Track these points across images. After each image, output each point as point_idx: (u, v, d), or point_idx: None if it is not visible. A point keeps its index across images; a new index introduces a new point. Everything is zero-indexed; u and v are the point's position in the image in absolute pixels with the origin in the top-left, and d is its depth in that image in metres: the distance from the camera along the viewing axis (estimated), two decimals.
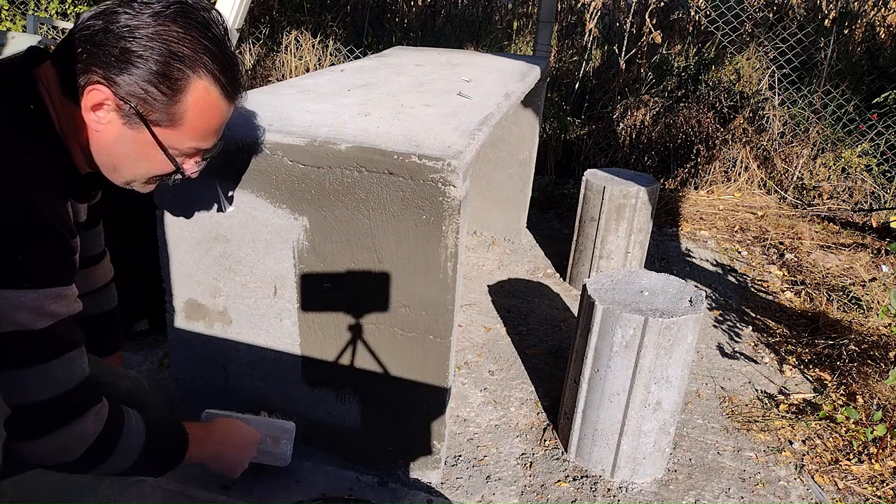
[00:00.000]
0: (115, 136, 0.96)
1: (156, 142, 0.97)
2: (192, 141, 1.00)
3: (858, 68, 4.58)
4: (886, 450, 1.87)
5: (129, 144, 0.97)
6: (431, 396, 1.49)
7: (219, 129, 1.04)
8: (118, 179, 1.04)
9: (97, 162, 1.00)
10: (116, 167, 1.01)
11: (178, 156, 1.01)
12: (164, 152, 0.98)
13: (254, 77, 5.10)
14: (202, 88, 0.95)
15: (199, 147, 1.03)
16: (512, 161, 3.11)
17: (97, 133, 0.96)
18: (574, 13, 5.72)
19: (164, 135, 0.97)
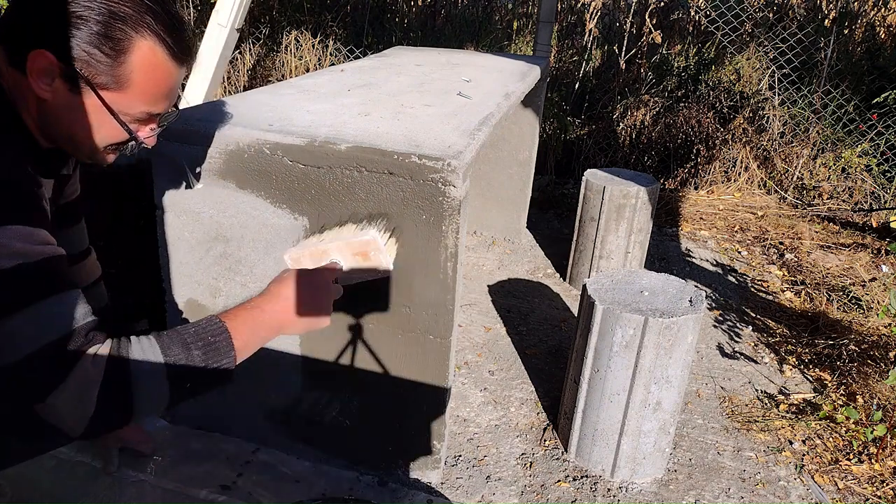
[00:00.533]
0: (63, 103, 0.94)
1: (105, 106, 0.95)
2: (142, 105, 0.98)
3: (858, 68, 4.58)
4: (886, 450, 1.87)
5: (78, 112, 0.95)
6: (431, 396, 1.49)
7: (169, 92, 1.01)
8: (78, 152, 1.02)
9: (53, 134, 0.99)
10: (71, 137, 0.99)
11: (130, 122, 0.99)
12: (114, 117, 0.96)
13: (254, 77, 5.10)
14: (147, 49, 0.93)
15: (151, 111, 1.00)
16: (512, 161, 3.11)
17: (46, 103, 0.94)
18: (574, 13, 5.72)
19: (112, 99, 0.95)
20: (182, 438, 1.68)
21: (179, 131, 1.40)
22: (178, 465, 1.59)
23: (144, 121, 1.01)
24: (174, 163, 1.42)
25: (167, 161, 1.44)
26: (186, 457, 1.62)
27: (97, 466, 1.55)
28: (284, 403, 1.61)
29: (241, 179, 1.41)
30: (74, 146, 1.00)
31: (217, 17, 3.36)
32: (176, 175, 1.45)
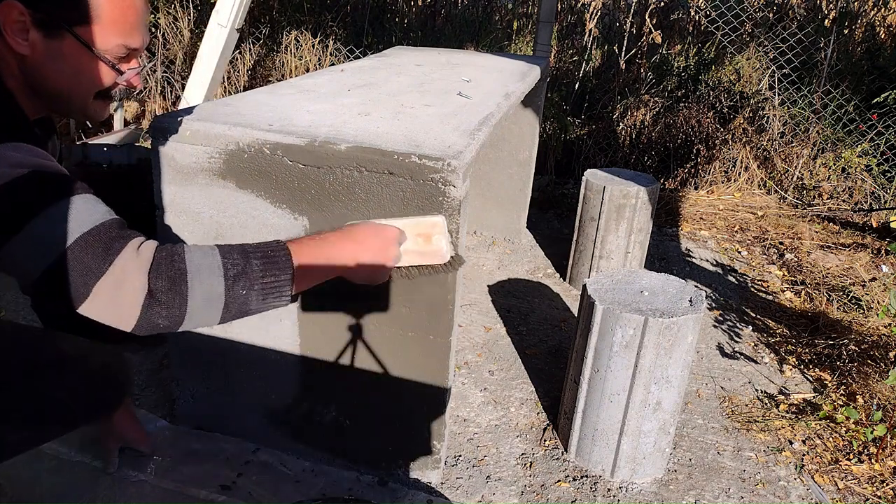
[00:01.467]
0: (44, 54, 0.96)
1: (83, 45, 0.96)
2: (116, 37, 0.99)
3: (858, 68, 4.58)
4: (886, 450, 1.87)
5: (60, 59, 0.97)
6: (431, 396, 1.49)
7: (139, 22, 1.02)
8: (70, 107, 1.03)
9: (41, 94, 1.00)
10: (59, 91, 1.00)
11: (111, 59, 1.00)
12: (95, 55, 0.98)
13: (254, 77, 5.10)
14: None
15: (127, 44, 1.01)
16: (512, 161, 3.11)
17: (27, 59, 0.95)
18: (574, 13, 5.72)
19: (86, 34, 0.96)
20: (182, 438, 1.68)
21: (180, 131, 1.40)
22: (178, 465, 1.59)
23: (124, 57, 1.02)
24: (185, 166, 1.42)
25: (168, 161, 1.44)
26: (186, 457, 1.62)
27: (97, 466, 1.55)
28: (284, 403, 1.61)
29: (241, 179, 1.41)
30: (65, 101, 1.01)
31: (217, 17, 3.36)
32: (177, 175, 1.45)
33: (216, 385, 1.65)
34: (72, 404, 1.24)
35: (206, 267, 0.94)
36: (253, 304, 0.98)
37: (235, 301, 0.96)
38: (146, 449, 1.60)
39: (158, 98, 4.94)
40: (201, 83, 3.50)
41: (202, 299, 0.93)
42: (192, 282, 0.92)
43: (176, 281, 0.91)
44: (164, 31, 4.99)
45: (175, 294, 0.91)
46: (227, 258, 0.96)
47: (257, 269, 0.98)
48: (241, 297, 0.96)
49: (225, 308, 0.96)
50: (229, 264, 0.96)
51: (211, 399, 1.67)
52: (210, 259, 0.95)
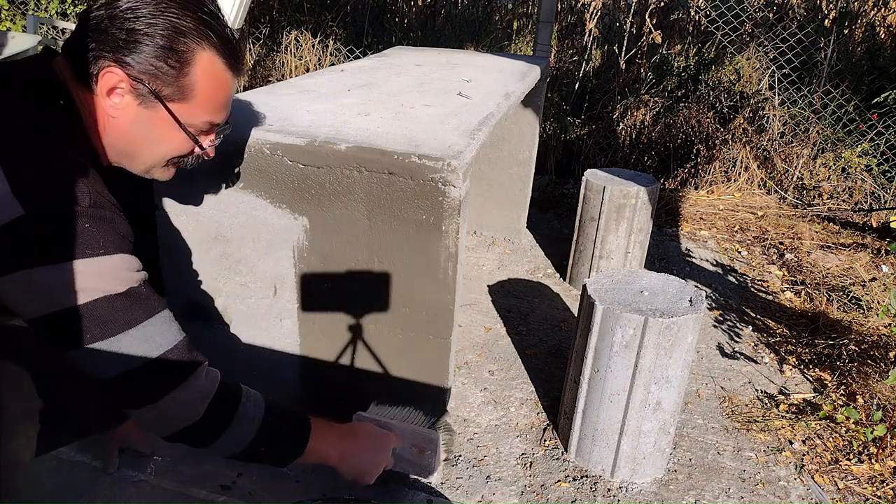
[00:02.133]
0: (131, 118, 0.98)
1: (172, 117, 0.99)
2: (205, 114, 1.02)
3: (858, 68, 4.58)
4: (886, 450, 1.87)
5: (146, 125, 0.99)
6: (431, 396, 1.49)
7: (227, 101, 1.06)
8: (139, 167, 1.05)
9: (116, 150, 1.02)
10: (136, 153, 1.03)
11: (194, 133, 1.04)
12: (181, 127, 1.01)
13: (254, 77, 5.10)
14: (208, 60, 0.98)
15: (213, 121, 1.05)
16: (512, 161, 3.11)
17: (114, 119, 0.98)
18: (574, 13, 5.72)
19: (178, 110, 0.99)
20: None
21: None
22: (178, 465, 1.59)
23: (206, 131, 1.06)
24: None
25: None
26: (186, 457, 1.62)
27: (97, 466, 1.55)
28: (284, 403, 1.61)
29: (241, 179, 1.41)
30: (135, 160, 1.04)
31: None
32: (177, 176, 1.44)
33: None
34: (85, 413, 1.25)
35: (249, 417, 1.07)
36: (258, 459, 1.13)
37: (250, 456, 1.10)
38: (146, 449, 1.60)
39: None
40: None
41: (227, 442, 1.06)
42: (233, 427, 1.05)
43: (222, 421, 1.04)
44: None
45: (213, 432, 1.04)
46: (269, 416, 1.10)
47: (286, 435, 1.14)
48: (253, 453, 1.10)
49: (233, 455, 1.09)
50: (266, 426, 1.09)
51: None
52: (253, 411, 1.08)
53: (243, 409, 1.06)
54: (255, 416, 1.08)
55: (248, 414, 1.07)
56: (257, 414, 1.08)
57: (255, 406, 1.08)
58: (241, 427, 1.06)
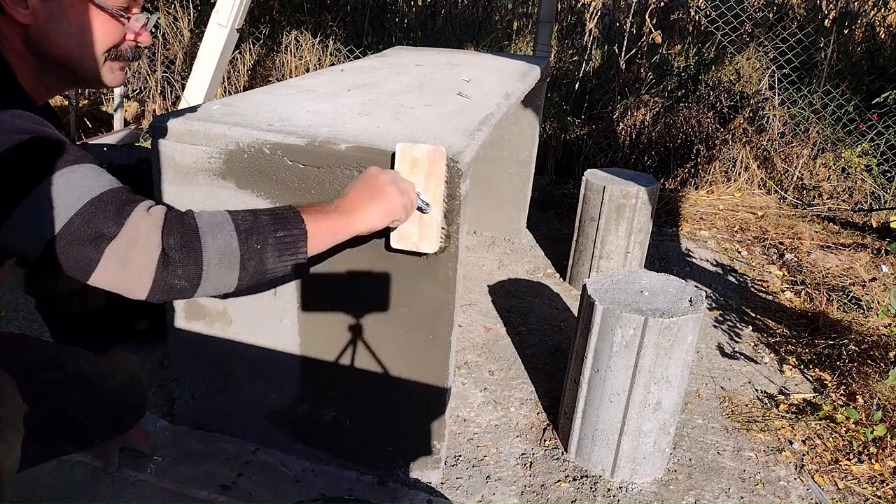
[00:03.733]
0: (46, 19, 0.92)
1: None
2: None
3: (858, 68, 4.58)
4: (886, 450, 1.87)
5: (63, 20, 0.93)
6: (431, 396, 1.49)
7: None
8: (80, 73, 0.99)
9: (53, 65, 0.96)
10: (68, 56, 0.96)
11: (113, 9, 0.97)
12: (96, 5, 0.94)
13: (254, 77, 5.10)
14: None
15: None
16: (512, 161, 3.11)
17: (30, 28, 0.92)
18: (574, 13, 5.72)
19: None
20: (182, 438, 1.68)
21: (180, 131, 1.40)
22: (178, 465, 1.59)
23: (125, 8, 0.99)
24: (185, 166, 1.42)
25: (168, 161, 1.44)
26: (186, 457, 1.62)
27: (97, 466, 1.55)
28: (284, 403, 1.61)
29: (241, 179, 1.41)
30: (76, 66, 0.98)
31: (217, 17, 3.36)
32: (177, 176, 1.45)
33: (216, 385, 1.65)
34: (88, 423, 1.25)
35: (217, 224, 0.93)
36: (270, 262, 0.97)
37: (252, 257, 0.95)
38: (147, 449, 1.60)
39: (158, 98, 4.94)
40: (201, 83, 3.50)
41: (216, 255, 0.92)
42: (205, 237, 0.91)
43: (188, 237, 0.90)
44: (164, 31, 5.00)
45: (189, 251, 0.89)
46: (236, 215, 0.96)
47: (268, 223, 0.98)
48: (256, 253, 0.95)
49: (242, 266, 0.94)
50: (239, 220, 0.95)
51: (211, 399, 1.67)
52: (220, 217, 0.95)
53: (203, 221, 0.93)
54: (222, 220, 0.94)
55: (214, 220, 0.93)
56: (223, 217, 0.95)
57: (212, 214, 0.95)
58: (215, 235, 0.92)
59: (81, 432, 1.25)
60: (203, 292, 0.94)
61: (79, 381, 1.23)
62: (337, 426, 1.59)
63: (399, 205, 1.15)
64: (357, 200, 1.12)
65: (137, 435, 1.58)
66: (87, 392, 1.24)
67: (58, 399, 1.19)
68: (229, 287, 0.96)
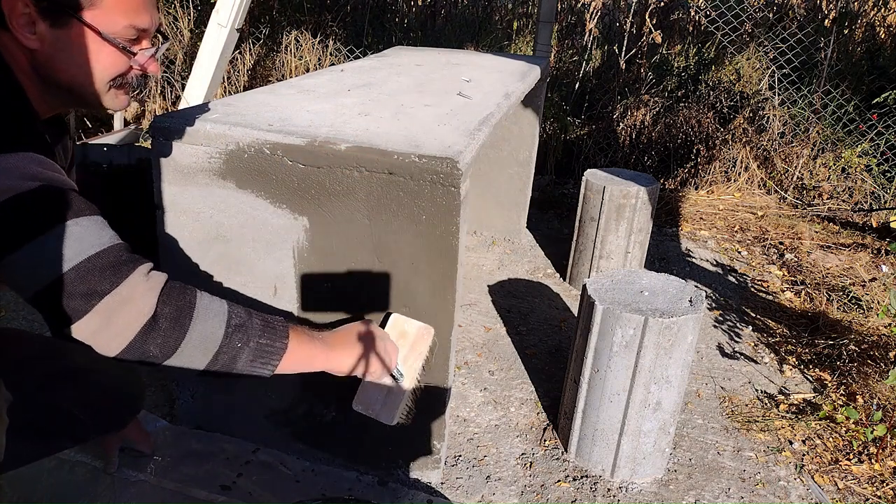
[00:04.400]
0: (53, 45, 0.93)
1: (91, 29, 0.93)
2: (122, 17, 0.96)
3: (858, 68, 4.58)
4: (886, 450, 1.87)
5: (69, 49, 0.94)
6: (431, 396, 1.49)
7: (145, 2, 0.99)
8: (84, 98, 1.00)
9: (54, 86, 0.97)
10: (73, 82, 0.97)
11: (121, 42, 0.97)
12: (104, 39, 0.94)
13: (254, 77, 5.10)
14: None
15: (136, 24, 0.98)
16: (512, 161, 3.11)
17: (37, 53, 0.93)
18: (574, 13, 5.72)
19: (93, 18, 0.93)
20: (182, 438, 1.68)
21: (180, 131, 1.40)
22: (178, 465, 1.59)
23: (135, 40, 0.99)
24: (185, 165, 1.42)
25: (172, 163, 1.44)
26: (186, 457, 1.62)
27: (97, 466, 1.55)
28: (284, 403, 1.61)
29: (241, 179, 1.41)
30: (80, 93, 0.98)
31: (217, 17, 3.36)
32: (177, 175, 1.45)
33: (216, 385, 1.65)
34: (85, 419, 1.24)
35: (213, 310, 0.96)
36: (241, 363, 1.00)
37: (228, 352, 0.98)
38: (146, 449, 1.60)
39: (158, 98, 4.94)
40: (201, 83, 3.50)
41: (199, 338, 0.94)
42: (197, 318, 0.94)
43: (182, 311, 0.92)
44: (163, 31, 4.99)
45: (177, 325, 0.92)
46: (232, 309, 1.00)
47: (257, 327, 1.02)
48: (234, 350, 0.98)
49: (215, 357, 0.97)
50: (233, 314, 0.99)
51: (211, 399, 1.67)
52: (217, 305, 0.98)
53: (202, 302, 0.95)
54: (219, 308, 0.97)
55: (212, 307, 0.96)
56: (221, 306, 0.97)
57: (212, 300, 0.97)
58: (207, 319, 0.94)
59: (77, 427, 1.24)
60: (168, 364, 0.95)
61: (74, 375, 1.23)
62: (337, 426, 1.59)
63: (377, 362, 1.22)
64: (343, 340, 1.19)
65: (137, 434, 1.58)
66: (83, 385, 1.24)
67: (53, 393, 1.19)
68: (194, 368, 0.98)
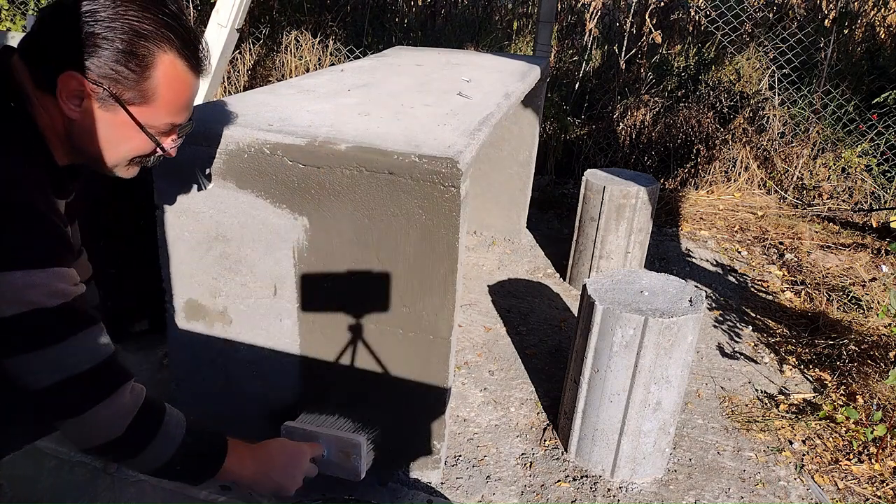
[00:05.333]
0: (91, 121, 0.97)
1: (133, 121, 0.98)
2: (166, 116, 1.02)
3: (858, 68, 4.58)
4: (886, 450, 1.87)
5: (107, 128, 0.98)
6: (431, 396, 1.49)
7: (189, 102, 1.06)
8: (101, 167, 1.05)
9: (79, 151, 1.02)
10: (97, 154, 1.02)
11: (155, 134, 1.03)
12: (142, 131, 1.00)
13: (254, 77, 5.10)
14: (168, 63, 0.97)
15: (174, 122, 1.04)
16: (512, 161, 3.11)
17: (74, 122, 0.97)
18: (574, 13, 5.72)
19: (139, 113, 0.98)
20: None
21: None
22: None
23: (168, 132, 1.06)
24: (184, 165, 1.42)
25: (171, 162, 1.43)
26: None
27: (97, 466, 1.55)
28: (284, 403, 1.61)
29: (241, 179, 1.41)
30: (98, 161, 1.04)
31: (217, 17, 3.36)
32: (177, 175, 1.45)
33: (216, 385, 1.65)
34: None
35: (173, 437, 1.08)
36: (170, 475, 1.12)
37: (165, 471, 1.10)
38: None
39: None
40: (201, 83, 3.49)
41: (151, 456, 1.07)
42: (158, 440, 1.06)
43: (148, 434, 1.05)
44: None
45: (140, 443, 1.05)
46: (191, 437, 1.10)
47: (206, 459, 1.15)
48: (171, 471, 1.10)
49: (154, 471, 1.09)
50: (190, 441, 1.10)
51: (211, 399, 1.67)
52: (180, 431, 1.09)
53: (164, 429, 1.07)
54: (175, 435, 1.09)
55: (170, 433, 1.08)
56: (178, 433, 1.09)
57: (176, 426, 1.10)
58: (161, 445, 1.07)
59: None
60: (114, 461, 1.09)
61: None
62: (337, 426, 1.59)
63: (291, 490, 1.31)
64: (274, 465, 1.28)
65: None
66: None
67: None
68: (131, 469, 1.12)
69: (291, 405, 1.61)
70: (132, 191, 1.89)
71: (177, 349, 1.64)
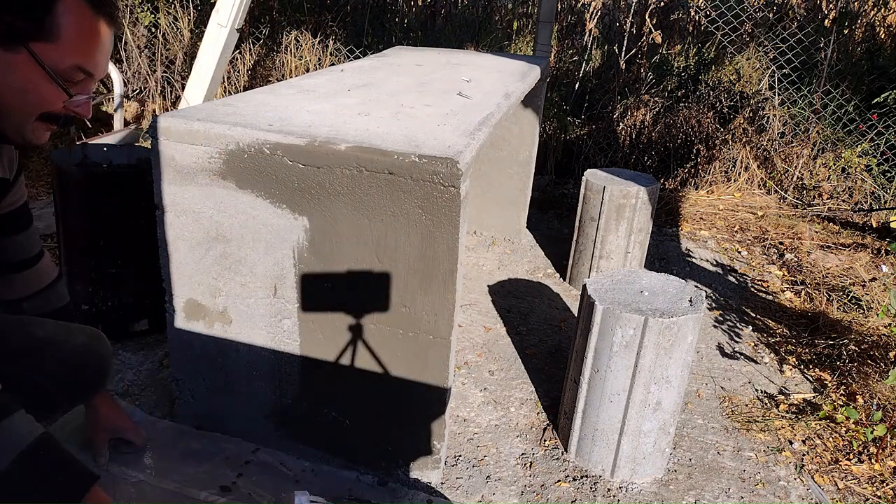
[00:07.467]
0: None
1: (35, 61, 0.93)
2: (74, 57, 0.96)
3: (858, 68, 4.57)
4: (886, 450, 1.87)
5: (10, 73, 0.93)
6: (431, 396, 1.49)
7: (99, 49, 0.99)
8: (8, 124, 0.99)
9: None
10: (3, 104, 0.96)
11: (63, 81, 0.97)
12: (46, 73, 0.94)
13: (254, 77, 5.10)
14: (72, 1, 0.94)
15: (83, 66, 0.98)
16: (512, 161, 3.11)
17: None
18: (574, 13, 5.72)
19: (43, 51, 0.93)
20: (182, 438, 1.68)
21: (180, 131, 1.40)
22: (177, 465, 1.59)
23: (77, 83, 0.99)
24: (184, 165, 1.42)
25: (168, 161, 1.44)
26: (186, 457, 1.62)
27: (88, 458, 1.55)
28: (284, 403, 1.61)
29: (241, 179, 1.41)
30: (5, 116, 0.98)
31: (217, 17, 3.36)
32: (177, 175, 1.45)
33: (216, 385, 1.65)
34: (52, 388, 1.26)
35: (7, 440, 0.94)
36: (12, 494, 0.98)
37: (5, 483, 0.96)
38: (138, 440, 1.58)
39: (158, 98, 4.94)
40: (201, 83, 3.50)
41: None
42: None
43: None
44: (164, 31, 4.99)
45: None
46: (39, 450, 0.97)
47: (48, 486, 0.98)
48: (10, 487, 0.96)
49: None
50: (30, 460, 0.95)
51: (211, 399, 1.67)
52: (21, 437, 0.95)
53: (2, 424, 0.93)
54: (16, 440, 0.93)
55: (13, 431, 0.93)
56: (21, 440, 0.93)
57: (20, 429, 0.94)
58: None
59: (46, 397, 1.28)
60: None
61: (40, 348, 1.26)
62: (337, 426, 1.59)
63: None
64: None
65: (123, 422, 1.56)
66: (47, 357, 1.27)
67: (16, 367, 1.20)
68: None
69: (291, 405, 1.61)
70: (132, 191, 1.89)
71: (177, 349, 1.64)
